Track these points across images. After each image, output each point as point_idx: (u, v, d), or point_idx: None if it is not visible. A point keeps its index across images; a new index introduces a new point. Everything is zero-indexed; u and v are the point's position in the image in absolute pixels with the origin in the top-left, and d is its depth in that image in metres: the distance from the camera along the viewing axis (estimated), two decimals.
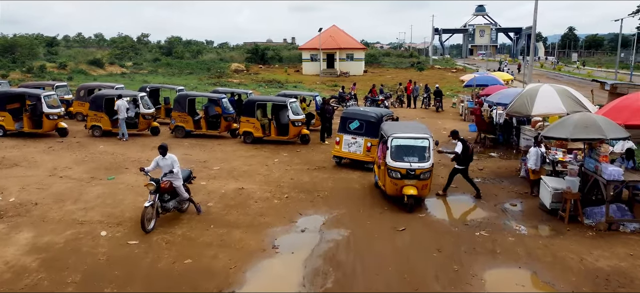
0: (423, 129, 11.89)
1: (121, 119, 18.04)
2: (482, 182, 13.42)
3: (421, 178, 10.68)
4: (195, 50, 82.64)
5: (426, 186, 10.93)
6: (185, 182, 10.39)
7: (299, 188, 12.61)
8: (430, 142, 11.03)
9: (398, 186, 10.73)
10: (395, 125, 12.59)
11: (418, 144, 11.08)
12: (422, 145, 11.06)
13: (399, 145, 10.99)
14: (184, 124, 18.94)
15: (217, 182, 13.02)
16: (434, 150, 11.10)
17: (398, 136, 11.08)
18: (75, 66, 53.39)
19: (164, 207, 9.74)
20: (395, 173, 10.68)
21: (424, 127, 12.39)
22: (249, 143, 18.16)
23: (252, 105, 18.16)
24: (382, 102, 28.33)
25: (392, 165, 10.74)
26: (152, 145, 17.50)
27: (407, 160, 10.76)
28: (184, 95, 19.31)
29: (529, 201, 11.67)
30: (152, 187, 9.38)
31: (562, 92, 13.14)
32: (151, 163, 9.95)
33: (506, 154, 17.33)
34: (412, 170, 10.60)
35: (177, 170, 9.87)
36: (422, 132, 11.50)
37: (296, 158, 16.03)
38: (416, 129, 11.84)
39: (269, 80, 48.74)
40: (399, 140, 11.02)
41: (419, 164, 10.71)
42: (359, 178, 13.66)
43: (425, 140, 11.08)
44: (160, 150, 9.91)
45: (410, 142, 11.10)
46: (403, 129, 11.87)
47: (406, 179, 10.63)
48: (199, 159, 15.57)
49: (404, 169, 10.62)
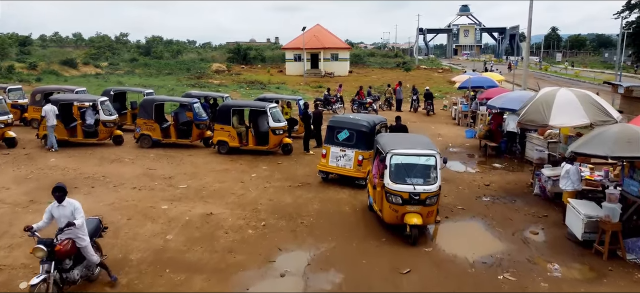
0: (427, 143, 9.93)
1: (49, 127, 15.80)
2: (492, 202, 11.59)
3: (427, 203, 8.80)
4: (175, 50, 79.94)
5: (432, 213, 9.05)
6: (94, 238, 7.30)
7: (279, 212, 10.62)
8: (437, 160, 9.09)
9: (399, 213, 8.86)
10: (393, 138, 10.53)
11: (422, 162, 9.20)
12: (428, 163, 9.16)
13: (399, 163, 9.08)
14: (151, 133, 16.77)
15: (182, 205, 10.95)
16: (442, 168, 9.19)
17: (398, 152, 9.12)
18: (47, 66, 50.55)
19: (67, 278, 6.61)
20: (395, 198, 8.80)
21: (428, 140, 10.41)
22: (223, 153, 16.09)
23: (227, 111, 16.10)
24: (370, 104, 26.46)
25: (391, 188, 8.87)
26: (113, 158, 15.37)
27: (410, 182, 8.88)
28: (150, 100, 17.15)
29: (552, 228, 9.84)
30: (42, 253, 6.31)
31: (583, 97, 11.37)
32: (43, 217, 6.86)
33: (511, 165, 15.57)
34: (416, 195, 8.72)
35: (81, 221, 6.72)
36: (426, 147, 9.52)
37: (277, 173, 14.03)
38: (419, 143, 9.85)
39: (251, 81, 46.54)
40: (399, 157, 9.09)
41: (424, 187, 8.82)
42: (349, 198, 11.72)
43: (431, 158, 9.13)
44: (56, 194, 6.75)
45: (413, 160, 9.21)
46: (404, 142, 9.83)
47: (409, 205, 8.76)
48: (164, 174, 13.47)
49: (406, 193, 8.73)
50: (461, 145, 18.80)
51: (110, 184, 12.51)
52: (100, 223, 7.67)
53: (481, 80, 24.83)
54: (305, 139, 17.00)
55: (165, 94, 33.97)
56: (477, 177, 13.91)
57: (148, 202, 11.08)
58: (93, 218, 7.60)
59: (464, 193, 12.24)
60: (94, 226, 7.40)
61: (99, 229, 7.57)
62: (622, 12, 68.38)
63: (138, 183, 12.58)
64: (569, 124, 11.35)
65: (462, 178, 13.74)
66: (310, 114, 17.23)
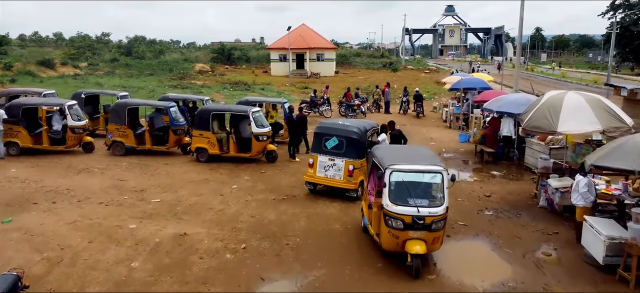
0: (431, 157, 8.71)
1: None
2: (496, 216, 10.60)
3: (432, 229, 7.61)
4: (157, 50, 77.98)
5: (438, 239, 7.86)
6: None
7: (262, 231, 9.49)
8: (444, 177, 7.87)
9: (399, 240, 7.68)
10: (392, 151, 9.29)
11: (427, 180, 8.02)
12: (433, 181, 7.99)
13: (400, 181, 7.87)
14: (124, 139, 15.50)
15: (153, 223, 9.76)
16: (449, 187, 7.94)
17: (399, 168, 7.88)
18: (23, 67, 48.60)
19: None
20: (395, 222, 7.62)
21: (432, 153, 9.19)
22: (203, 161, 14.90)
23: (207, 116, 14.90)
24: (358, 106, 25.45)
25: (391, 211, 7.66)
26: (82, 167, 14.09)
27: (413, 203, 7.68)
28: (122, 104, 15.86)
29: (566, 248, 8.87)
30: None
31: (593, 102, 10.42)
32: None
33: (510, 172, 14.64)
34: (420, 219, 7.52)
35: None
36: (431, 161, 8.29)
37: (260, 183, 12.89)
38: (422, 157, 8.58)
39: (235, 81, 45.15)
40: (400, 174, 7.86)
41: (429, 209, 7.63)
42: (339, 213, 10.63)
43: (437, 175, 7.95)
44: None
45: (416, 177, 8.00)
46: (405, 156, 8.63)
47: (411, 230, 7.57)
48: (136, 187, 12.24)
49: (409, 216, 7.54)
50: (455, 150, 17.86)
51: (74, 199, 11.26)
52: (19, 281, 5.33)
53: (473, 82, 23.90)
54: (290, 145, 15.87)
55: (146, 95, 32.67)
56: (476, 186, 12.94)
57: (114, 220, 9.87)
58: (9, 275, 5.32)
59: (464, 206, 11.24)
60: (10, 284, 5.20)
61: (16, 289, 5.27)
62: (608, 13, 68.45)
63: (106, 198, 11.35)
64: (579, 130, 10.41)
65: (460, 187, 12.75)
66: (294, 119, 16.13)
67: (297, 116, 16.29)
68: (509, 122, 15.71)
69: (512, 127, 15.65)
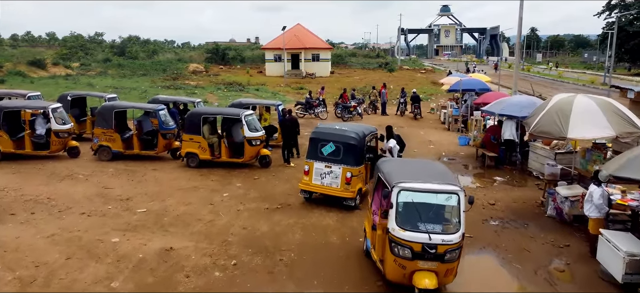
0: (445, 174, 7.56)
1: None
2: (502, 226, 10.03)
3: (446, 259, 6.57)
4: (151, 49, 77.09)
5: (452, 271, 6.79)
6: None
7: (254, 245, 8.87)
8: (460, 199, 6.81)
9: (406, 270, 6.69)
10: (401, 166, 8.13)
11: (441, 201, 6.98)
12: (449, 203, 6.93)
13: (410, 202, 6.89)
14: (110, 144, 14.81)
15: (137, 236, 9.12)
16: (466, 210, 6.87)
17: (409, 187, 6.88)
18: (14, 67, 47.70)
19: None
20: (402, 250, 6.62)
21: (446, 169, 8.13)
22: (193, 167, 14.26)
23: (197, 120, 14.26)
24: (354, 108, 24.85)
25: (398, 236, 6.67)
26: (65, 174, 13.42)
27: (424, 229, 6.66)
28: (109, 107, 15.17)
29: (580, 263, 8.30)
30: None
31: (604, 105, 9.87)
32: None
33: (513, 177, 14.09)
34: (432, 247, 6.52)
35: None
36: (446, 179, 7.17)
37: (252, 191, 12.26)
38: (436, 174, 7.46)
39: (229, 82, 44.45)
40: (409, 194, 6.86)
41: (443, 237, 6.60)
42: (336, 224, 10.02)
43: (453, 196, 6.86)
44: None
45: (428, 198, 6.93)
46: (415, 173, 7.49)
47: (421, 260, 6.59)
48: (121, 195, 11.58)
49: (419, 244, 6.54)
50: (455, 153, 17.29)
51: (55, 209, 10.59)
52: None
53: (472, 83, 23.35)
54: (284, 149, 15.23)
55: (138, 95, 31.99)
56: (479, 193, 12.35)
57: (96, 233, 9.22)
58: None
59: (468, 215, 10.44)
60: None
61: None
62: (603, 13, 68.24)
63: (88, 207, 10.69)
64: (590, 136, 9.85)
65: None
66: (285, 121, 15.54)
67: (288, 118, 15.67)
68: (511, 124, 15.17)
69: (515, 130, 15.11)
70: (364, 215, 10.36)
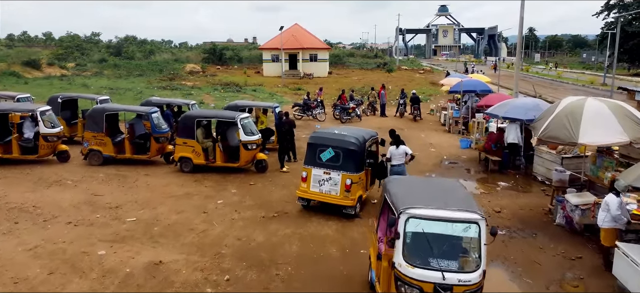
0: (465, 199, 6.33)
1: None
2: (509, 236, 9.57)
3: None
4: (147, 49, 76.46)
5: None
6: None
7: (249, 258, 8.38)
8: (481, 229, 5.74)
9: None
10: (411, 185, 7.12)
11: (458, 232, 5.90)
12: (467, 234, 5.87)
13: (420, 232, 5.80)
14: (101, 148, 14.29)
15: (125, 248, 8.62)
16: (488, 243, 5.76)
17: (419, 213, 5.81)
18: (8, 67, 47.10)
19: None
20: (411, 290, 5.63)
21: (463, 190, 7.03)
22: (186, 172, 13.76)
23: (191, 123, 13.76)
24: (353, 110, 24.37)
25: (405, 274, 5.66)
26: (53, 179, 12.91)
27: (436, 265, 5.65)
28: (99, 110, 14.65)
29: (594, 277, 7.84)
30: None
31: (616, 109, 9.40)
32: None
33: (518, 183, 13.63)
34: (446, 288, 5.52)
35: None
36: (464, 204, 6.01)
37: (248, 198, 11.77)
38: (452, 198, 6.31)
39: (226, 82, 43.93)
40: (420, 222, 5.79)
41: (459, 276, 5.59)
42: (336, 234, 9.54)
43: (472, 225, 5.77)
44: None
45: (442, 228, 5.84)
46: (427, 196, 6.40)
47: None
48: (111, 203, 11.07)
49: (430, 284, 5.55)
50: (457, 157, 16.84)
51: (40, 217, 10.08)
52: None
53: (473, 84, 22.89)
54: (280, 153, 14.73)
55: (133, 96, 31.46)
56: (483, 200, 11.89)
57: (82, 244, 8.72)
58: None
59: None
60: None
61: None
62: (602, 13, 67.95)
63: (75, 216, 10.18)
64: (603, 141, 9.38)
65: None
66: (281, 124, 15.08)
67: (285, 121, 15.20)
68: (515, 128, 14.71)
69: (519, 133, 14.66)
70: (365, 224, 9.95)
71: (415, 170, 14.08)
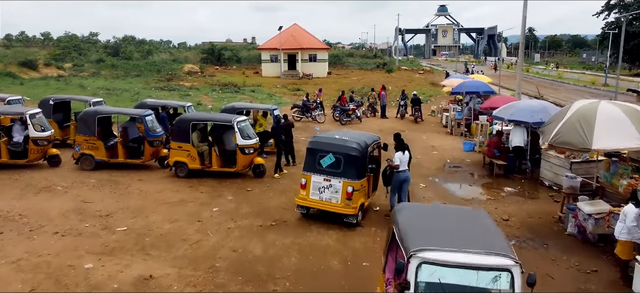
0: (492, 236, 5.17)
1: None
2: (519, 246, 9.09)
3: None
4: (146, 50, 75.92)
5: None
6: None
7: (245, 271, 7.90)
8: (515, 279, 4.55)
9: None
10: (425, 216, 5.95)
11: (485, 284, 4.58)
12: (497, 286, 4.57)
13: (436, 283, 4.59)
14: (93, 152, 13.81)
15: (114, 261, 8.13)
16: None
17: (434, 259, 4.62)
18: (4, 68, 46.58)
19: None
20: None
21: (493, 226, 5.59)
22: (181, 177, 13.27)
23: (186, 127, 13.28)
24: (353, 111, 23.89)
25: None
26: (43, 185, 12.42)
27: None
28: (91, 112, 14.17)
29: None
30: None
31: (632, 112, 8.93)
32: None
33: (524, 188, 13.16)
34: None
35: None
36: (493, 246, 4.83)
37: (245, 205, 11.28)
38: (477, 235, 5.20)
39: (224, 83, 43.49)
40: (435, 270, 4.60)
41: None
42: (337, 244, 9.07)
43: (502, 274, 4.56)
44: None
45: (465, 277, 4.61)
46: (445, 231, 5.27)
47: None
48: (101, 211, 10.58)
49: None
50: (460, 160, 16.36)
51: (26, 227, 9.60)
52: None
53: (476, 85, 22.41)
54: (278, 157, 14.23)
55: (130, 97, 30.97)
56: (489, 206, 11.42)
57: (68, 257, 8.24)
58: None
59: None
60: None
61: None
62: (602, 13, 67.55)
63: (63, 226, 9.70)
64: (618, 147, 8.94)
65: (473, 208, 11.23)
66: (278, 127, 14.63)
67: (284, 124, 14.73)
68: (521, 131, 14.27)
69: (525, 136, 14.21)
70: (367, 233, 9.49)
71: (418, 174, 13.62)
